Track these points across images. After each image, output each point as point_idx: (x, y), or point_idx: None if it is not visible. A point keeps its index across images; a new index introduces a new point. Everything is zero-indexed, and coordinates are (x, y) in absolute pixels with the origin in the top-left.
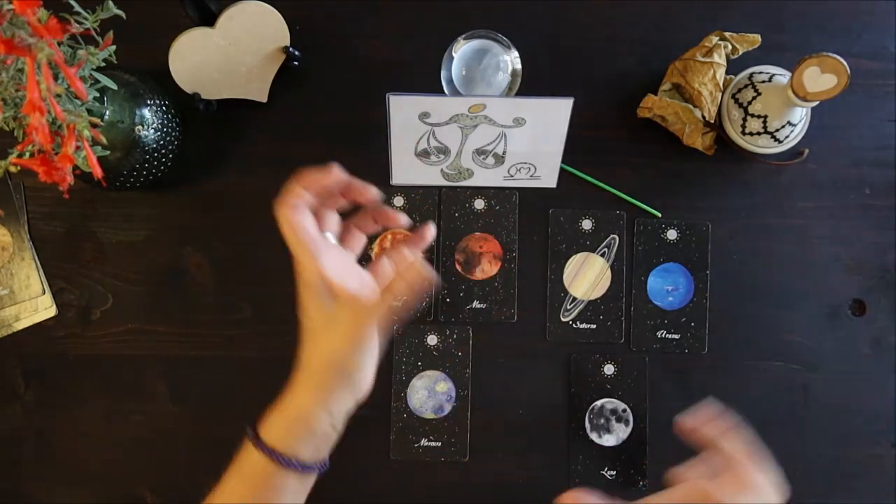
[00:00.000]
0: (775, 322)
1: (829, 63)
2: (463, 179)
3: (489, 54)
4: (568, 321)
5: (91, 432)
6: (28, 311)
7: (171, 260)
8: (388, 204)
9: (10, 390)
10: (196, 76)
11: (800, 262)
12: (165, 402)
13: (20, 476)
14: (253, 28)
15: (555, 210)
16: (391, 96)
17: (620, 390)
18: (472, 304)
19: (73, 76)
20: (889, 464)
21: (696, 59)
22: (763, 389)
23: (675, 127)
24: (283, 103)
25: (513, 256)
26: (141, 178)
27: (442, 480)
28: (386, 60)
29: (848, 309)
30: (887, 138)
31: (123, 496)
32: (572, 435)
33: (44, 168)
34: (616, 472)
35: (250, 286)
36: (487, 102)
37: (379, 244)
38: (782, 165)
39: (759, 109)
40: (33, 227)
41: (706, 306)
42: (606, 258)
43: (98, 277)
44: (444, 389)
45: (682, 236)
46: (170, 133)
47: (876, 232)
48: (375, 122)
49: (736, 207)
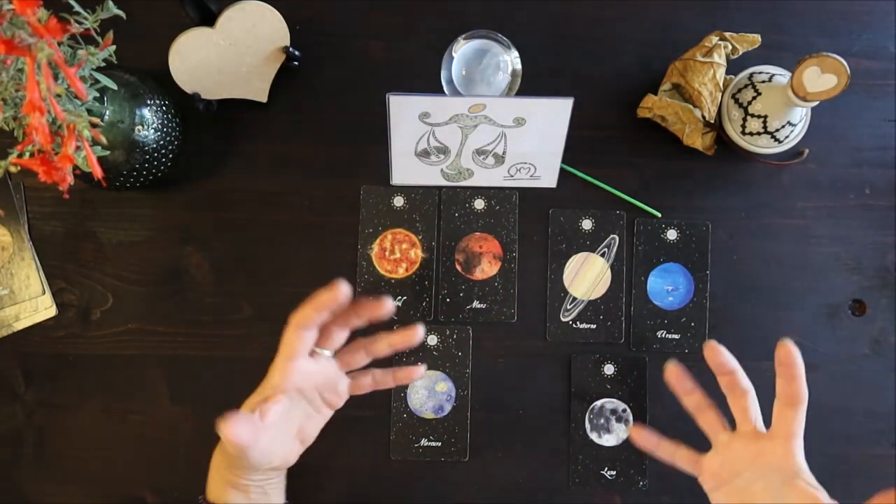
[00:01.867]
0: (775, 322)
1: (829, 63)
2: (463, 179)
3: (489, 54)
4: (568, 321)
5: (91, 432)
6: (28, 311)
7: (171, 260)
8: (388, 204)
9: (10, 390)
10: (196, 76)
11: (800, 262)
12: (165, 402)
13: (20, 476)
14: (253, 28)
15: (555, 210)
16: (391, 96)
17: (620, 390)
18: (472, 304)
19: (73, 76)
20: (889, 464)
21: (696, 59)
22: (763, 389)
23: (675, 127)
24: (283, 103)
25: (513, 256)
26: (141, 178)
27: (442, 480)
28: (386, 60)
29: (848, 309)
30: (887, 138)
31: (123, 496)
32: (572, 435)
33: (44, 168)
34: (616, 472)
35: (250, 286)
36: (487, 102)
37: (379, 244)
38: (782, 165)
39: (759, 109)
40: (33, 227)
41: (706, 306)
42: (606, 258)
43: (98, 277)
44: (444, 389)
45: (682, 236)
46: (170, 133)
47: (876, 232)
48: (375, 122)
49: (736, 207)
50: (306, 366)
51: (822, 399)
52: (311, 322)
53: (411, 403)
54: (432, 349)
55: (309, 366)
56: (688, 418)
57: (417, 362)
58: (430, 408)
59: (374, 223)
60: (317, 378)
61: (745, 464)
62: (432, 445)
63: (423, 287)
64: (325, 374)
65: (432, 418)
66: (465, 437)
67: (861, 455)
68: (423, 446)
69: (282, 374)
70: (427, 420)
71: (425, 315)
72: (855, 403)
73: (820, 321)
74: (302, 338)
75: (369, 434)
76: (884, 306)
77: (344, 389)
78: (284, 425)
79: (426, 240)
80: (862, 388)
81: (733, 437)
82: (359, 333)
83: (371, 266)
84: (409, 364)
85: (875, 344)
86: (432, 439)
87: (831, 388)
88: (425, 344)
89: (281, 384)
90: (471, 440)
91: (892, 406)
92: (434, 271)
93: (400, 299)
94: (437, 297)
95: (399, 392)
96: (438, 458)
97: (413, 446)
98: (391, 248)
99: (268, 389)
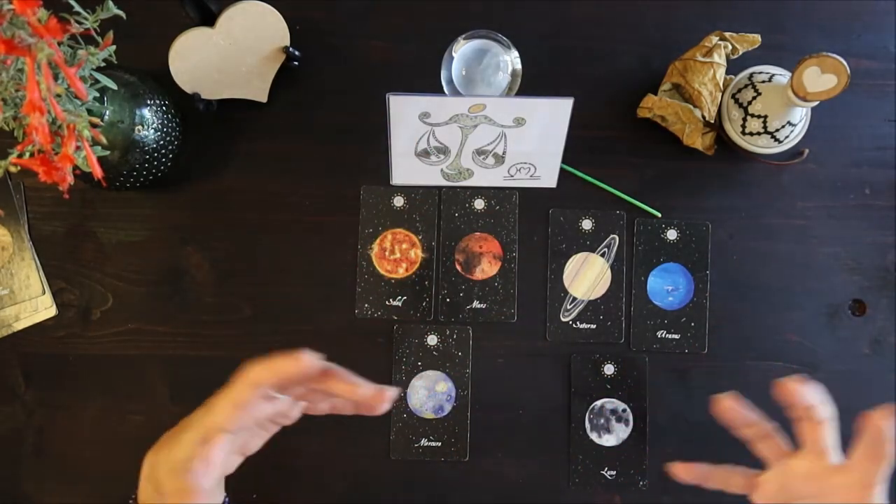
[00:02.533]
0: (775, 322)
1: (829, 63)
2: (463, 179)
3: (489, 54)
4: (568, 321)
5: (91, 432)
6: (28, 311)
7: (171, 260)
8: (388, 204)
9: (10, 390)
10: (196, 76)
11: (800, 262)
12: (165, 402)
13: (20, 476)
14: (253, 28)
15: (555, 210)
16: (391, 96)
17: (620, 390)
18: (472, 304)
19: (73, 76)
20: None
21: (696, 59)
22: (763, 389)
23: (675, 127)
24: (283, 103)
25: (513, 256)
26: (141, 178)
27: (442, 480)
28: (386, 60)
29: (848, 309)
30: (887, 138)
31: (123, 496)
32: (572, 435)
33: (44, 168)
34: (616, 472)
35: (250, 286)
36: (487, 102)
37: (379, 244)
38: (782, 165)
39: (759, 109)
40: (33, 227)
41: (706, 306)
42: (606, 258)
43: (98, 277)
44: (444, 389)
45: (682, 236)
46: (170, 133)
47: (876, 232)
48: (375, 122)
49: (736, 207)
50: (258, 406)
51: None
52: (266, 386)
53: (411, 403)
54: (432, 349)
55: (261, 406)
56: (688, 418)
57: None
58: (430, 408)
59: (374, 223)
60: (268, 411)
61: (810, 492)
62: (432, 445)
63: (423, 287)
64: (276, 409)
65: (432, 418)
66: (465, 437)
67: None
68: (423, 446)
69: (227, 418)
70: (427, 420)
71: (425, 315)
72: (855, 403)
73: (820, 321)
74: (255, 394)
75: (369, 434)
76: (884, 306)
77: (297, 414)
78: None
79: (426, 240)
80: (862, 388)
81: (797, 460)
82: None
83: (371, 266)
84: (409, 364)
85: (875, 344)
86: (432, 439)
87: (831, 388)
88: (425, 344)
89: (225, 426)
90: (471, 440)
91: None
92: (434, 271)
93: (400, 299)
94: (437, 297)
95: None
96: (438, 458)
97: (413, 446)
98: (391, 248)
99: (208, 426)
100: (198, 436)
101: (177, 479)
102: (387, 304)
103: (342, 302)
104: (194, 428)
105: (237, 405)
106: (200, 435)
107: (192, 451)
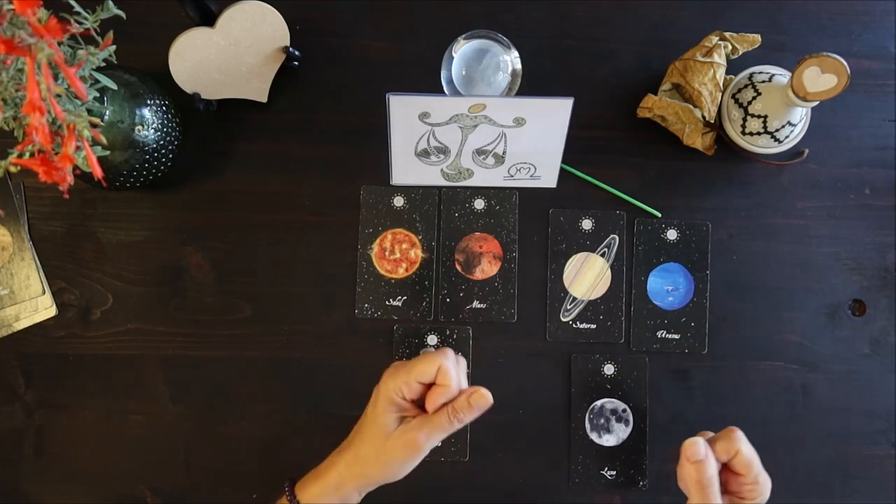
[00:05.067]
0: (775, 322)
1: (829, 63)
2: (463, 179)
3: (489, 54)
4: (568, 321)
5: (91, 432)
6: (28, 311)
7: (171, 260)
8: (388, 204)
9: (10, 390)
10: (196, 76)
11: (800, 262)
12: (165, 402)
13: (20, 476)
14: (253, 28)
15: (555, 210)
16: (391, 96)
17: (620, 390)
18: (472, 304)
19: (73, 76)
20: (889, 464)
21: (696, 59)
22: (763, 389)
23: (675, 127)
24: (283, 103)
25: (513, 256)
26: (141, 178)
27: (442, 480)
28: (386, 60)
29: (848, 309)
30: (887, 138)
31: (123, 496)
32: (572, 435)
33: (44, 168)
34: (616, 472)
35: (250, 286)
36: (487, 102)
37: (379, 244)
38: (782, 165)
39: (759, 109)
40: (33, 227)
41: (706, 306)
42: (606, 258)
43: (98, 277)
44: None
45: (682, 236)
46: (170, 133)
47: (876, 232)
48: (375, 122)
49: (736, 207)
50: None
51: (822, 399)
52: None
53: None
54: (432, 349)
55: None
56: (688, 418)
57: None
58: None
59: (374, 223)
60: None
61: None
62: None
63: (423, 287)
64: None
65: None
66: (465, 437)
67: (861, 455)
68: None
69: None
70: None
71: (425, 315)
72: (854, 403)
73: (820, 321)
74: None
75: None
76: (884, 306)
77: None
78: None
79: (426, 240)
80: (862, 388)
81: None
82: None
83: (371, 266)
84: None
85: (875, 344)
86: None
87: (831, 388)
88: (425, 344)
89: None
90: (471, 440)
91: (891, 406)
92: (434, 271)
93: (400, 299)
94: (437, 297)
95: None
96: (438, 458)
97: None
98: (391, 248)
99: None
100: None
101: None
102: (387, 304)
103: (342, 302)
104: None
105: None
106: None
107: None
